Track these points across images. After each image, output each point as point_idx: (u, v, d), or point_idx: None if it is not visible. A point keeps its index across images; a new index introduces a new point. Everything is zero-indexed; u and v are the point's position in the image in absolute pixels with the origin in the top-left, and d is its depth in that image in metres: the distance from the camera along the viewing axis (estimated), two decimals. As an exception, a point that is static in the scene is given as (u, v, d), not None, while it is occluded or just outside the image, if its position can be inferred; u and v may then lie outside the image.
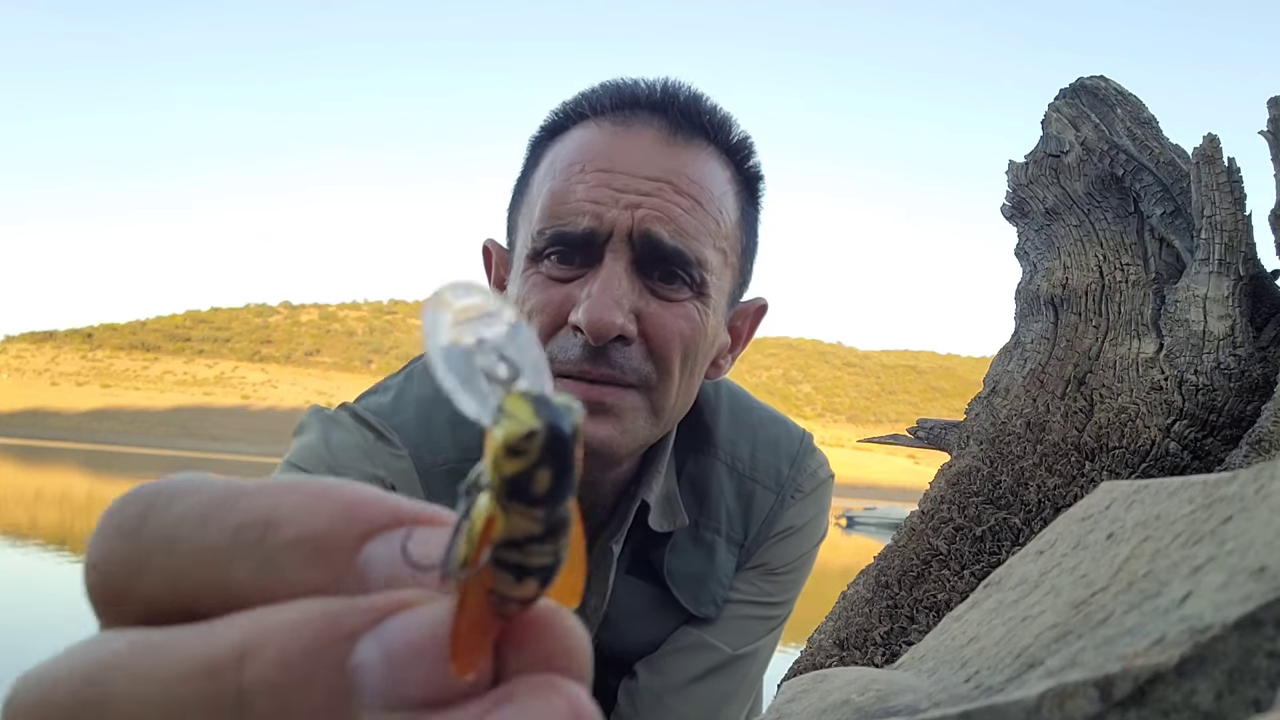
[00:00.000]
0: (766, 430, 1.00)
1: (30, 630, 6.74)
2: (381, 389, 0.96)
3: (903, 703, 0.34)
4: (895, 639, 1.28)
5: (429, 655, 0.16)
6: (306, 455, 0.85)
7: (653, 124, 0.81)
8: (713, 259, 0.81)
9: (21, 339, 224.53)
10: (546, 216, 0.79)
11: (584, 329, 0.75)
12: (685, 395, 0.85)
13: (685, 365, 0.82)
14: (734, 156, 0.86)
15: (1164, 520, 0.34)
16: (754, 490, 0.97)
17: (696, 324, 0.81)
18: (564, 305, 0.78)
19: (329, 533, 0.17)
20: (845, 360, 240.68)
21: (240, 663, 0.16)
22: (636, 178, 0.78)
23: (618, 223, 0.77)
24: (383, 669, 0.16)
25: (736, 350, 0.94)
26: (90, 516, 17.21)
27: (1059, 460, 1.29)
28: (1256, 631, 0.25)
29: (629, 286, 0.78)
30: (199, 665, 0.16)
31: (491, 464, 0.16)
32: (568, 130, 0.84)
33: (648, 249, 0.78)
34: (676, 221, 0.78)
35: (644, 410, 0.81)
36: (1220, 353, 1.23)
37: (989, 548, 1.29)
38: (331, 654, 0.16)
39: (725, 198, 0.83)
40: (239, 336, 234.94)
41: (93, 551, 0.19)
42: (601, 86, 0.86)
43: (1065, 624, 0.31)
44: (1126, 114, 1.39)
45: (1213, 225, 1.24)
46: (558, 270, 0.79)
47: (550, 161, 0.83)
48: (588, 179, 0.78)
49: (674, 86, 0.84)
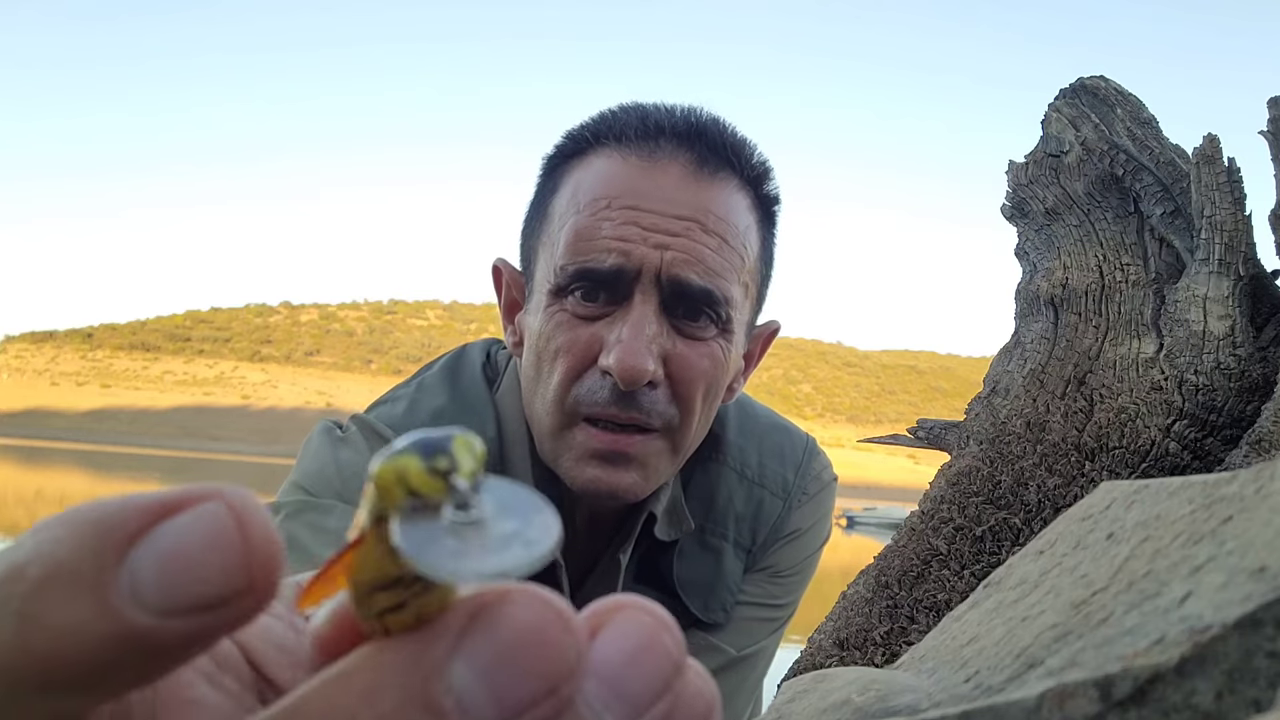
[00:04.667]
0: (772, 438, 1.01)
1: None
2: (392, 399, 0.95)
3: (903, 703, 0.34)
4: (895, 639, 1.28)
5: (524, 654, 0.15)
6: (314, 479, 0.83)
7: (679, 158, 0.80)
8: (737, 295, 0.81)
9: (21, 339, 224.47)
10: (571, 252, 0.77)
11: (615, 374, 0.75)
12: (703, 429, 0.86)
13: (706, 401, 0.82)
14: (754, 183, 0.85)
15: (1164, 520, 0.34)
16: (763, 497, 0.97)
17: (720, 361, 0.81)
18: (591, 345, 0.77)
19: (78, 557, 0.15)
20: (845, 360, 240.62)
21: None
22: (665, 217, 0.77)
23: (646, 261, 0.76)
24: (483, 687, 0.15)
25: (748, 371, 0.95)
26: (90, 516, 17.20)
27: (1059, 460, 1.29)
28: (1256, 631, 0.25)
29: (658, 329, 0.77)
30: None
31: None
32: (586, 156, 0.83)
33: (676, 291, 0.77)
34: (705, 262, 0.77)
35: (666, 453, 0.81)
36: (1220, 353, 1.23)
37: (989, 548, 1.29)
38: (425, 692, 0.15)
39: (749, 231, 0.83)
40: (239, 336, 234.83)
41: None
42: (622, 110, 0.84)
43: (1065, 624, 0.31)
44: (1126, 114, 1.39)
45: (1213, 225, 1.24)
46: (583, 308, 0.78)
47: (573, 191, 0.81)
48: (614, 215, 0.77)
49: (697, 115, 0.83)
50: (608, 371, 0.76)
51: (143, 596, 0.14)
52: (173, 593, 0.15)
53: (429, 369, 0.98)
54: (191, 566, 0.15)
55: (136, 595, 0.14)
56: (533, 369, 0.82)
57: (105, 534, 0.15)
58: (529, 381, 0.84)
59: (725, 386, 0.86)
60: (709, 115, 0.84)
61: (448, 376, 0.95)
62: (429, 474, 0.15)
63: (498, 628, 0.15)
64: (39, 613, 0.14)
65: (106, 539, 0.15)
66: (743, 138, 0.85)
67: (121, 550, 0.15)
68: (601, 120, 0.84)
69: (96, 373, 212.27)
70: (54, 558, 0.15)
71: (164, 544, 0.15)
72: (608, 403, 0.76)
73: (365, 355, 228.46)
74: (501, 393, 0.93)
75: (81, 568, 0.15)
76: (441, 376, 0.95)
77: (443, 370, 0.96)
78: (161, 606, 0.14)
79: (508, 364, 0.95)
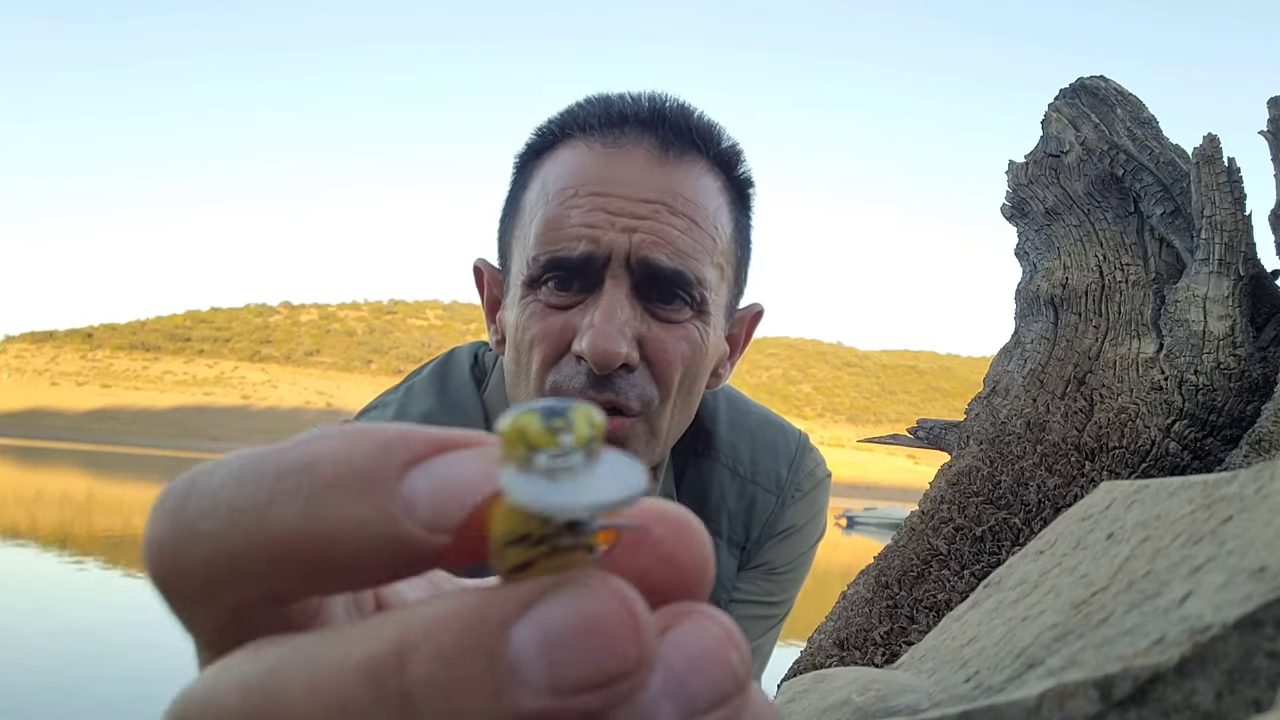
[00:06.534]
0: (764, 434, 1.01)
1: (31, 630, 6.74)
2: (381, 404, 0.95)
3: (903, 703, 0.34)
4: (895, 639, 1.28)
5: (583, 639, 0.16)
6: None
7: (643, 142, 0.80)
8: (710, 276, 0.81)
9: (21, 339, 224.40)
10: (542, 242, 0.78)
11: (588, 358, 0.75)
12: (683, 414, 0.85)
13: (684, 385, 0.81)
14: (724, 166, 0.85)
15: (1164, 520, 0.34)
16: (755, 493, 0.97)
17: (697, 344, 0.81)
18: (565, 333, 0.78)
19: (368, 466, 0.17)
20: (845, 360, 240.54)
21: (401, 662, 0.16)
22: (632, 200, 0.78)
23: (615, 246, 0.76)
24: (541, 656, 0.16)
25: (734, 357, 0.94)
26: (90, 516, 17.21)
27: (1059, 460, 1.29)
28: (1256, 631, 0.25)
29: (630, 313, 0.77)
30: (362, 668, 0.16)
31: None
32: (555, 150, 0.83)
33: (647, 274, 0.77)
34: (674, 244, 0.78)
35: (645, 435, 0.81)
36: (1220, 353, 1.23)
37: (989, 548, 1.29)
38: (486, 645, 0.16)
39: (720, 212, 0.83)
40: (239, 336, 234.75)
41: (147, 536, 0.19)
42: (587, 102, 0.85)
43: (1065, 624, 0.31)
44: (1126, 114, 1.39)
45: (1213, 225, 1.24)
46: (556, 298, 0.78)
47: (541, 184, 0.82)
48: (581, 203, 0.78)
49: (661, 100, 0.83)
50: (582, 356, 0.76)
51: (414, 511, 0.17)
52: (441, 511, 0.17)
53: (418, 373, 0.98)
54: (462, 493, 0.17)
55: (409, 509, 0.17)
56: (513, 362, 0.83)
57: (391, 454, 0.17)
58: (510, 375, 0.84)
59: (707, 371, 0.85)
60: (674, 101, 0.84)
61: (436, 380, 0.96)
62: (546, 431, 0.17)
63: (564, 606, 0.16)
64: (327, 503, 0.17)
65: (392, 458, 0.17)
66: (710, 122, 0.85)
67: (403, 469, 0.17)
68: (568, 113, 0.85)
69: (96, 373, 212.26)
70: (347, 462, 0.17)
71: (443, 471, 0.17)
72: (584, 387, 0.76)
73: (365, 355, 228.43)
74: (489, 392, 0.93)
75: (370, 476, 0.17)
76: (430, 380, 0.96)
77: (431, 375, 0.97)
78: (430, 522, 0.17)
79: (495, 364, 0.95)
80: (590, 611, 0.16)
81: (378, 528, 0.17)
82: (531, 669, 0.16)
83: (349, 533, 0.17)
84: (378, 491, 0.17)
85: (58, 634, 6.63)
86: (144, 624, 6.82)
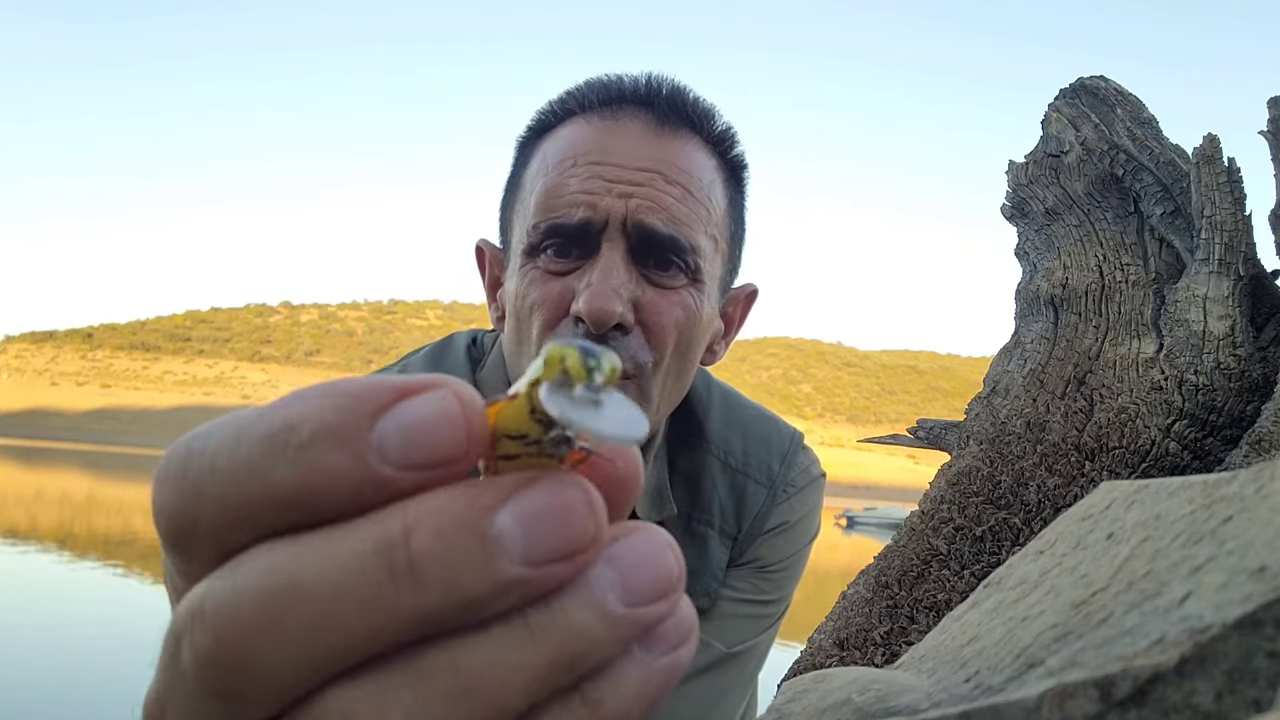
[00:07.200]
0: (757, 427, 1.01)
1: (30, 630, 6.74)
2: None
3: (903, 703, 0.34)
4: (895, 639, 1.28)
5: (553, 519, 0.20)
6: None
7: (640, 117, 0.83)
8: (705, 245, 0.83)
9: (21, 339, 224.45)
10: (541, 210, 0.80)
11: (585, 317, 0.76)
12: (676, 383, 0.85)
13: (678, 351, 0.82)
14: (718, 146, 0.88)
15: (1164, 520, 0.34)
16: (746, 485, 0.97)
17: (692, 310, 0.82)
18: (564, 297, 0.79)
19: (341, 421, 0.20)
20: (845, 360, 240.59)
21: (407, 538, 0.19)
22: (628, 169, 0.80)
23: (612, 211, 0.78)
24: (519, 530, 0.19)
25: (730, 336, 0.95)
26: (90, 516, 17.21)
27: (1059, 460, 1.29)
28: (1256, 631, 0.25)
29: (626, 275, 0.79)
30: (374, 545, 0.19)
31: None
32: (555, 128, 0.86)
33: (643, 238, 0.79)
34: (669, 210, 0.80)
35: (636, 399, 0.81)
36: (1220, 353, 1.22)
37: (989, 548, 1.29)
38: (476, 523, 0.19)
39: (714, 186, 0.85)
40: (239, 336, 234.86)
41: (155, 500, 0.21)
42: (587, 84, 0.87)
43: (1065, 624, 0.31)
44: (1126, 114, 1.39)
45: (1213, 225, 1.24)
46: (555, 264, 0.80)
47: (541, 158, 0.84)
48: (580, 171, 0.80)
49: (658, 80, 0.86)
50: (580, 317, 0.77)
51: (387, 454, 0.20)
52: (408, 452, 0.20)
53: (416, 353, 1.00)
54: (425, 434, 0.20)
55: (382, 452, 0.19)
56: (514, 330, 0.84)
57: (361, 404, 0.20)
58: (512, 345, 0.86)
59: (701, 341, 0.86)
60: (671, 81, 0.87)
61: (430, 359, 0.98)
62: (581, 364, 0.20)
63: (542, 493, 0.20)
64: (311, 457, 0.19)
65: (362, 409, 0.20)
66: (706, 103, 0.88)
67: (374, 418, 0.20)
68: (567, 95, 0.87)
69: (96, 373, 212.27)
70: (322, 419, 0.20)
71: (406, 416, 0.20)
72: None
73: (365, 355, 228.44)
74: (486, 371, 0.95)
75: (343, 429, 0.20)
76: (424, 359, 0.98)
77: (427, 354, 0.99)
78: (400, 462, 0.20)
79: (494, 346, 0.96)
80: (560, 499, 0.20)
81: (357, 474, 0.19)
82: (513, 542, 0.19)
83: (333, 480, 0.19)
84: (352, 442, 0.19)
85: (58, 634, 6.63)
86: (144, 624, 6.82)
